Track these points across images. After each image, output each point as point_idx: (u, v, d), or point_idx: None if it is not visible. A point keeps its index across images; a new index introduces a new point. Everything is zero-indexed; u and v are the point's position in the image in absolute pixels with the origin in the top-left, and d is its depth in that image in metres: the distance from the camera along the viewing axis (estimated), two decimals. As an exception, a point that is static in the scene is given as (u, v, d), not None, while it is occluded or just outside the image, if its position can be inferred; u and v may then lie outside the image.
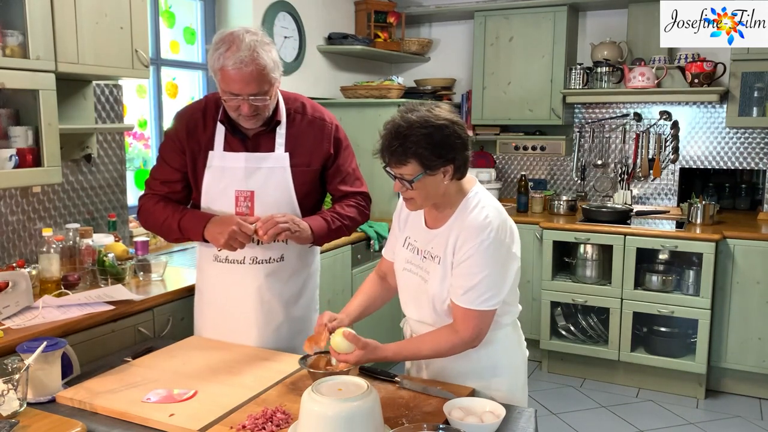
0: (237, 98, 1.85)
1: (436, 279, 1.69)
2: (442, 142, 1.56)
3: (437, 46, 5.06)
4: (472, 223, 1.62)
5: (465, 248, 1.62)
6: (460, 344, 1.64)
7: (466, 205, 1.67)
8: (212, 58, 1.84)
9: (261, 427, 1.44)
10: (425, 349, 1.67)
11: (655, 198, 4.53)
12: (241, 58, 1.79)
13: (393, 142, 1.56)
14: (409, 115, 1.58)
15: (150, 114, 3.44)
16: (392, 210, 4.10)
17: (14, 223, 2.56)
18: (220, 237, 1.88)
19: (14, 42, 2.15)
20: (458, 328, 1.63)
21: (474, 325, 1.62)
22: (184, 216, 1.99)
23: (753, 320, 3.70)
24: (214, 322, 2.10)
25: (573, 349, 4.09)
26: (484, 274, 1.60)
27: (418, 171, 1.57)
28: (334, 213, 2.08)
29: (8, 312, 2.05)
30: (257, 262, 2.03)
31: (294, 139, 2.02)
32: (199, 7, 3.71)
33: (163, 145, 2.08)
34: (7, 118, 2.24)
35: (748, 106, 3.95)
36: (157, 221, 2.04)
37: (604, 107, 4.59)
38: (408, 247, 1.79)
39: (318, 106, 2.12)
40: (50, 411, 1.52)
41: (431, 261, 1.71)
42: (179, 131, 2.02)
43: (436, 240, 1.70)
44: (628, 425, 3.50)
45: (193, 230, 1.97)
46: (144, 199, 2.09)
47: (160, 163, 2.08)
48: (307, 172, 2.05)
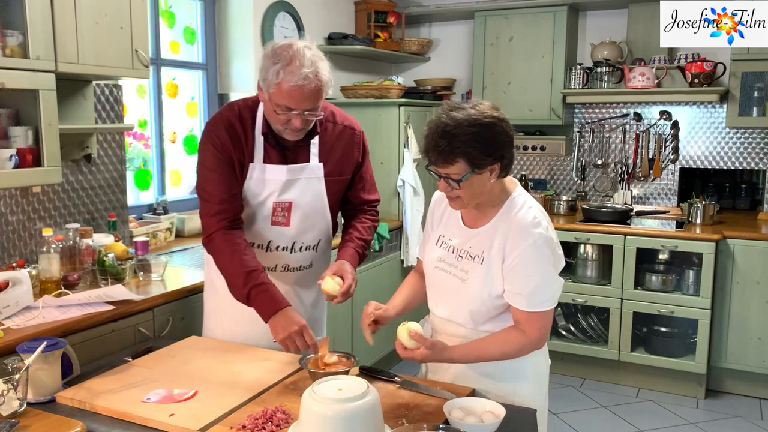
0: (291, 113, 1.81)
1: (477, 279, 1.66)
2: (490, 140, 1.54)
3: (437, 46, 5.06)
4: (520, 224, 1.61)
5: (517, 251, 1.60)
6: (528, 345, 1.64)
7: (511, 205, 1.66)
8: (269, 71, 1.78)
9: (261, 427, 1.44)
10: (494, 351, 1.64)
11: (655, 198, 4.53)
12: (305, 75, 1.75)
13: (440, 141, 1.53)
14: (455, 113, 1.55)
15: (150, 114, 3.44)
16: (392, 210, 4.16)
17: (14, 223, 2.56)
18: (281, 331, 1.78)
19: (14, 42, 2.15)
20: (525, 329, 1.63)
21: (540, 326, 1.62)
22: (258, 294, 1.84)
23: (753, 320, 3.70)
24: (232, 324, 2.08)
25: (573, 349, 4.09)
26: (540, 276, 1.60)
27: (466, 170, 1.55)
28: (361, 240, 2.09)
29: (8, 312, 2.05)
30: (289, 269, 2.04)
31: (326, 149, 2.02)
32: (199, 7, 3.71)
33: (209, 160, 1.92)
34: (7, 118, 2.24)
35: (748, 106, 3.95)
36: (226, 271, 1.90)
37: (604, 107, 4.59)
38: (441, 246, 1.76)
39: (344, 113, 2.11)
40: (50, 411, 1.52)
41: (470, 261, 1.68)
42: (224, 142, 1.91)
43: (476, 239, 1.68)
44: (628, 425, 3.50)
45: (261, 311, 1.85)
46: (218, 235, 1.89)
47: (210, 179, 1.92)
48: (340, 181, 2.06)
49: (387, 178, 4.14)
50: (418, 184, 4.14)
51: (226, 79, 3.80)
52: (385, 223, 3.94)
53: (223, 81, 3.81)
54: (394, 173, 4.13)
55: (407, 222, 4.10)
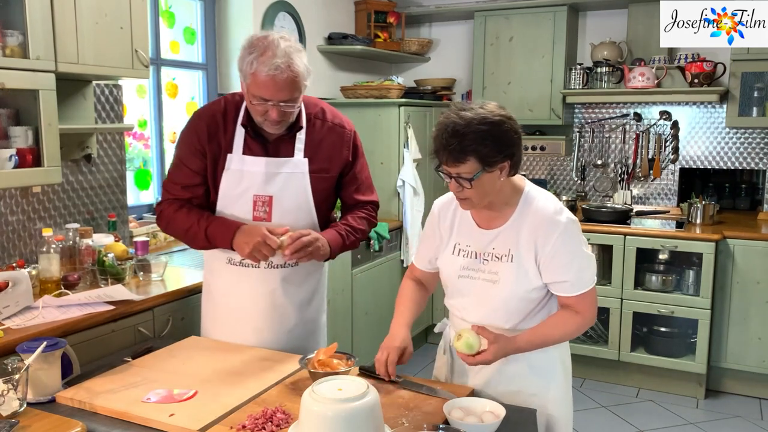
0: (267, 103, 1.83)
1: (510, 277, 1.67)
2: (500, 138, 1.56)
3: (437, 46, 5.06)
4: (545, 215, 1.65)
5: (551, 242, 1.63)
6: (584, 324, 1.68)
7: (527, 200, 1.68)
8: (244, 61, 1.82)
9: (261, 427, 1.44)
10: (555, 333, 1.68)
11: (655, 198, 4.53)
12: (276, 65, 1.78)
13: (451, 140, 1.54)
14: (464, 112, 1.57)
15: (150, 114, 3.44)
16: (392, 210, 4.16)
17: (14, 223, 2.56)
18: (245, 247, 1.85)
19: (14, 42, 2.15)
20: (578, 310, 1.67)
21: (590, 303, 1.67)
22: (210, 224, 1.94)
23: (753, 320, 3.71)
24: (225, 324, 2.09)
25: (573, 349, 4.02)
26: (578, 259, 1.65)
27: (477, 169, 1.56)
28: (348, 227, 2.06)
29: (8, 312, 2.05)
30: (273, 266, 2.02)
31: (313, 145, 2.01)
32: (199, 7, 3.71)
33: (181, 148, 2.02)
34: (7, 118, 2.24)
35: (748, 106, 3.95)
36: (180, 228, 1.99)
37: (604, 107, 4.59)
38: (460, 254, 1.76)
39: (337, 112, 2.11)
40: (50, 411, 1.52)
41: (497, 261, 1.69)
42: (200, 133, 1.98)
43: (498, 239, 1.69)
44: (628, 425, 3.50)
45: (221, 238, 1.92)
46: (164, 204, 2.02)
47: (178, 166, 2.01)
48: (326, 178, 2.04)
49: (387, 178, 4.14)
50: (418, 184, 4.14)
51: (226, 79, 3.80)
52: (385, 223, 3.94)
53: (223, 81, 3.81)
54: (394, 173, 4.13)
55: (407, 222, 4.11)
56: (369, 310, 3.87)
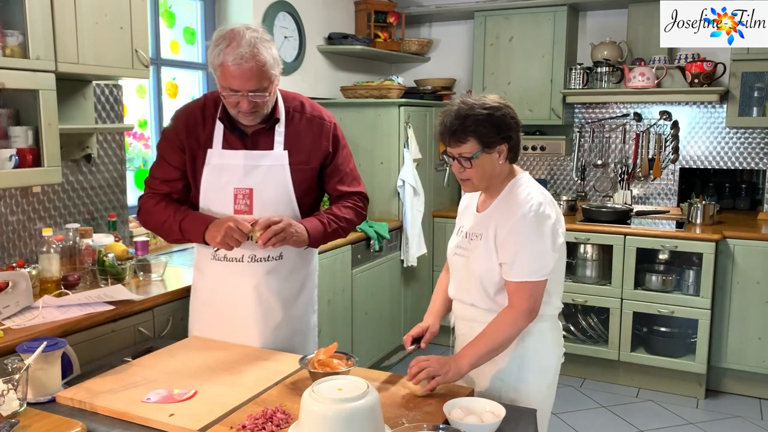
0: (236, 94, 1.86)
1: (479, 256, 1.78)
2: (499, 120, 1.72)
3: (437, 46, 5.06)
4: (513, 201, 1.76)
5: (507, 224, 1.72)
6: (519, 317, 1.70)
7: (511, 187, 1.80)
8: (212, 54, 1.85)
9: (261, 427, 1.44)
10: (495, 336, 1.70)
11: (655, 198, 4.53)
12: (241, 54, 1.80)
13: (454, 122, 1.70)
14: (467, 99, 1.75)
15: (150, 114, 3.44)
16: (392, 210, 4.17)
17: (14, 223, 2.56)
18: (217, 235, 1.88)
19: (14, 42, 2.15)
20: (512, 302, 1.71)
21: (527, 296, 1.70)
22: (185, 218, 1.99)
23: (753, 320, 3.70)
24: (211, 321, 2.10)
25: (573, 349, 4.09)
26: (528, 247, 1.70)
27: (477, 148, 1.70)
28: (331, 215, 2.08)
29: (8, 312, 2.05)
30: (256, 260, 2.03)
31: (293, 138, 2.03)
32: (199, 7, 3.71)
33: (161, 144, 2.07)
34: (7, 118, 2.24)
35: (748, 106, 3.95)
36: (157, 222, 2.04)
37: (604, 107, 4.59)
38: (458, 233, 1.91)
39: (317, 105, 2.13)
40: (50, 411, 1.52)
41: (475, 240, 1.80)
42: (178, 129, 2.02)
43: (482, 221, 1.82)
44: (628, 425, 3.50)
45: (193, 232, 1.97)
46: (144, 198, 2.09)
47: (159, 162, 2.07)
48: (306, 170, 2.05)
49: (387, 178, 4.14)
50: (418, 184, 4.13)
51: (226, 79, 3.80)
52: (385, 223, 3.94)
53: (223, 81, 3.81)
54: (394, 173, 4.13)
55: (407, 222, 4.10)
56: (369, 310, 3.87)
